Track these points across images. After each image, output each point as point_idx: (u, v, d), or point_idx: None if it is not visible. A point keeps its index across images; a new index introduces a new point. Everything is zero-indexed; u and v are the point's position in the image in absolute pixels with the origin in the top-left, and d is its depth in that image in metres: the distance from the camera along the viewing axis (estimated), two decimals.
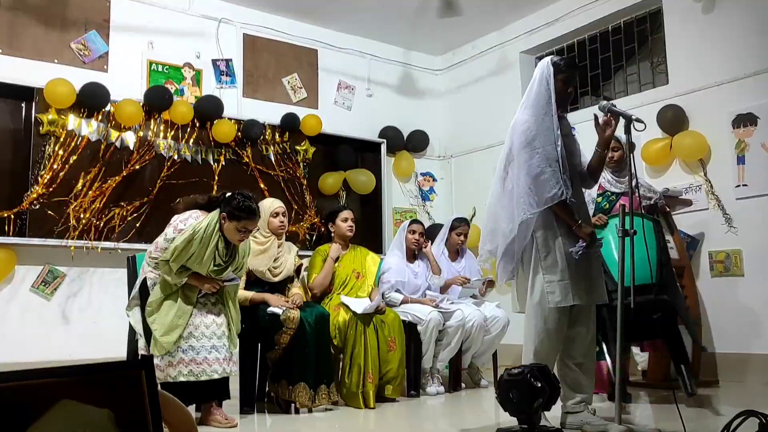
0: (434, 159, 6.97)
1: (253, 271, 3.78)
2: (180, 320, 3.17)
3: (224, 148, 5.47)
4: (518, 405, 2.45)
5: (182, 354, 3.13)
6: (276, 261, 3.85)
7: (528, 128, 2.93)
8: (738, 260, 4.60)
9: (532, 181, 2.86)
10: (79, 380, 1.26)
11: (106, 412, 1.24)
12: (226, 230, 3.24)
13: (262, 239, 3.85)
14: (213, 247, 3.18)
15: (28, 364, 3.86)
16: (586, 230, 2.89)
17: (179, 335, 3.14)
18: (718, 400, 4.00)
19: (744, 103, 4.64)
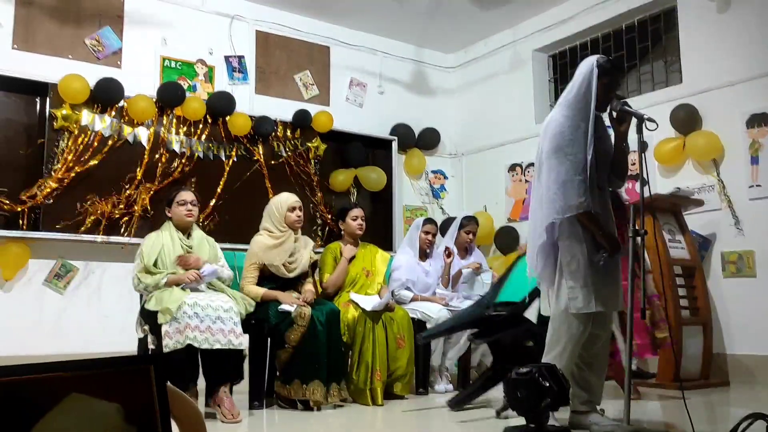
0: (445, 157, 6.96)
1: (268, 266, 3.80)
2: (180, 293, 3.36)
3: (236, 144, 5.50)
4: (526, 405, 2.44)
5: (188, 320, 3.22)
6: (292, 256, 3.87)
7: (561, 131, 2.87)
8: (750, 261, 4.57)
9: (559, 187, 2.83)
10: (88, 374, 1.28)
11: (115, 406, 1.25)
12: (174, 217, 3.67)
13: (277, 233, 3.87)
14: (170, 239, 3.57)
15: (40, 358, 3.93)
16: (609, 239, 2.86)
17: (183, 301, 3.27)
18: (728, 401, 3.98)
19: (758, 103, 4.60)
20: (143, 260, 3.50)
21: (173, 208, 3.66)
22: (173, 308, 3.23)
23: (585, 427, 2.86)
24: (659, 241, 4.34)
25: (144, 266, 3.49)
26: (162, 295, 3.34)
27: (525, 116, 6.19)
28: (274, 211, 3.92)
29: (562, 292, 2.88)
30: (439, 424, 3.55)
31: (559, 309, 2.89)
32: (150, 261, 3.49)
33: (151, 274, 3.47)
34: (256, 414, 3.54)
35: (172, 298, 3.28)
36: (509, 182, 6.41)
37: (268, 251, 3.79)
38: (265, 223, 3.95)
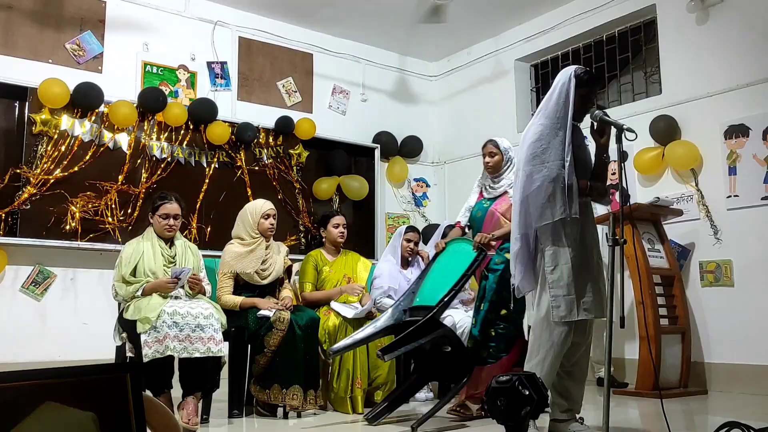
0: (428, 165, 6.99)
1: (241, 274, 3.77)
2: (159, 301, 3.30)
3: (218, 151, 5.47)
4: (506, 413, 2.44)
5: (168, 329, 3.17)
6: (264, 263, 3.85)
7: (539, 140, 2.90)
8: (728, 270, 4.62)
9: (536, 195, 2.85)
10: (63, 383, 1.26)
11: (90, 415, 1.24)
12: (155, 227, 3.58)
13: (248, 240, 3.84)
14: (151, 247, 3.49)
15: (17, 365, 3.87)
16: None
17: (161, 309, 3.22)
18: (707, 409, 4.01)
19: (736, 114, 4.67)
20: (121, 269, 3.43)
21: (155, 217, 3.58)
22: (152, 317, 3.19)
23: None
24: (639, 250, 4.39)
25: (122, 275, 3.43)
26: (140, 304, 3.29)
27: (507, 125, 6.23)
28: (247, 217, 3.89)
29: (543, 301, 2.89)
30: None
31: (540, 317, 2.90)
32: (128, 270, 3.42)
33: (128, 284, 3.42)
34: (235, 422, 3.51)
35: (151, 307, 3.24)
36: None
37: (239, 260, 3.76)
38: (237, 230, 3.92)
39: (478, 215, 3.80)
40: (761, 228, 4.48)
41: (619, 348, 4.74)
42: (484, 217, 3.74)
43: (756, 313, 4.43)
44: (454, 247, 3.68)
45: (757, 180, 4.54)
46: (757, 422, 1.82)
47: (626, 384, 4.72)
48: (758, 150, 4.55)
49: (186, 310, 3.28)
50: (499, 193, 3.76)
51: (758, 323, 4.41)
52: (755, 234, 4.51)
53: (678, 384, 4.46)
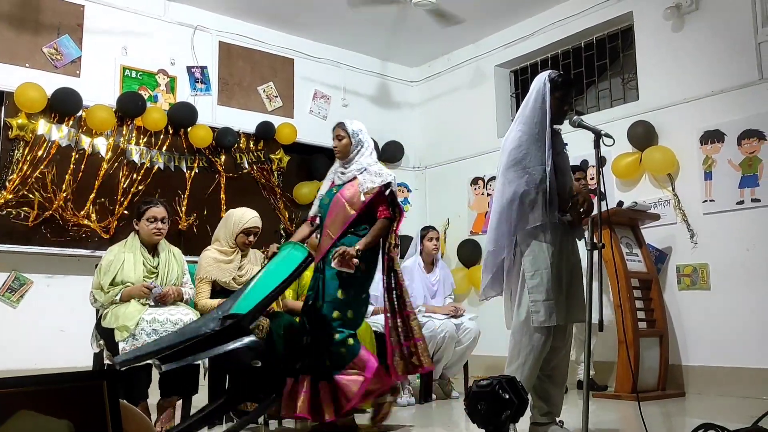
0: (409, 170, 7.00)
1: (217, 281, 3.75)
2: (137, 308, 3.25)
3: (198, 156, 5.44)
4: (486, 417, 2.46)
5: (146, 337, 3.14)
6: (241, 270, 3.82)
7: (519, 146, 2.93)
8: (704, 274, 4.69)
9: (516, 201, 2.88)
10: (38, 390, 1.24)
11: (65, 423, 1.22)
12: (141, 232, 3.49)
13: (227, 249, 3.80)
14: (133, 257, 3.41)
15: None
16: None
17: (140, 317, 3.19)
18: (684, 411, 4.06)
19: (712, 120, 4.75)
20: (100, 277, 3.38)
21: (141, 222, 3.50)
22: (130, 325, 3.15)
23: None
24: (617, 254, 4.43)
25: (100, 284, 3.37)
26: (118, 311, 3.25)
27: (487, 130, 6.27)
28: (230, 225, 3.82)
29: (523, 306, 2.91)
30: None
31: (520, 321, 2.92)
32: (107, 280, 3.35)
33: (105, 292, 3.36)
34: (215, 430, 3.48)
35: (128, 315, 3.19)
36: (472, 195, 6.47)
37: (216, 267, 3.72)
38: (218, 234, 3.87)
39: (325, 203, 3.55)
40: (736, 232, 4.56)
41: (599, 351, 4.78)
42: (329, 205, 3.49)
43: (732, 315, 4.50)
44: (284, 252, 3.29)
45: (732, 185, 4.61)
46: (734, 424, 1.84)
47: (606, 387, 4.76)
48: (733, 155, 4.63)
49: (165, 317, 3.25)
50: (348, 179, 3.48)
51: (734, 326, 4.48)
52: (730, 238, 4.58)
53: (656, 386, 4.51)
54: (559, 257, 2.91)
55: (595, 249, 2.86)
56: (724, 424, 1.49)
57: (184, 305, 3.51)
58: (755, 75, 4.56)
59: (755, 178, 4.52)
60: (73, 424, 1.23)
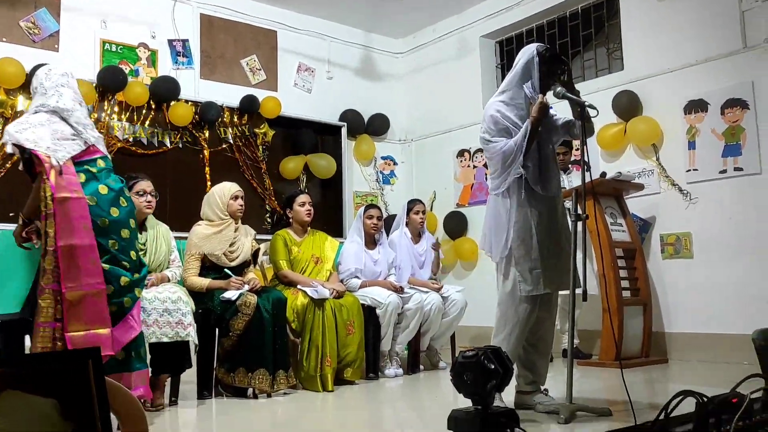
0: (395, 143, 6.98)
1: (208, 255, 3.75)
2: None
3: (181, 131, 5.39)
4: (472, 387, 2.48)
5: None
6: (232, 245, 3.83)
7: (502, 115, 2.94)
8: (688, 243, 4.74)
9: (499, 165, 2.91)
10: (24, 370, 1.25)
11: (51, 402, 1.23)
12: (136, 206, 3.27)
13: (217, 221, 3.82)
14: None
15: None
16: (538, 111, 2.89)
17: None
18: (667, 378, 4.14)
19: (696, 89, 4.76)
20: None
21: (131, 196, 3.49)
22: None
23: (530, 407, 2.94)
24: (601, 224, 4.47)
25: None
26: None
27: (473, 102, 6.25)
28: (216, 200, 3.86)
29: (510, 275, 2.94)
30: (390, 409, 3.59)
31: (506, 292, 2.95)
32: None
33: None
34: (206, 403, 3.51)
35: None
36: (458, 168, 6.48)
37: (207, 240, 3.75)
38: (206, 212, 3.89)
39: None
40: (719, 201, 4.60)
41: (584, 320, 4.84)
42: None
43: (714, 283, 4.57)
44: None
45: (715, 154, 4.65)
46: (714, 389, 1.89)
47: (590, 355, 4.84)
48: (717, 125, 4.65)
49: (153, 294, 3.25)
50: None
51: (716, 293, 4.55)
52: (713, 207, 4.63)
53: (640, 354, 4.59)
54: (545, 227, 2.93)
55: (579, 220, 2.89)
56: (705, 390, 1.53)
57: (171, 283, 3.51)
58: (739, 44, 4.56)
59: (738, 147, 4.55)
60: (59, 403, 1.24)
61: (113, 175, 2.89)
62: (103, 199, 2.75)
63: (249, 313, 3.56)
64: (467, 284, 5.66)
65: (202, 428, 3.03)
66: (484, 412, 2.45)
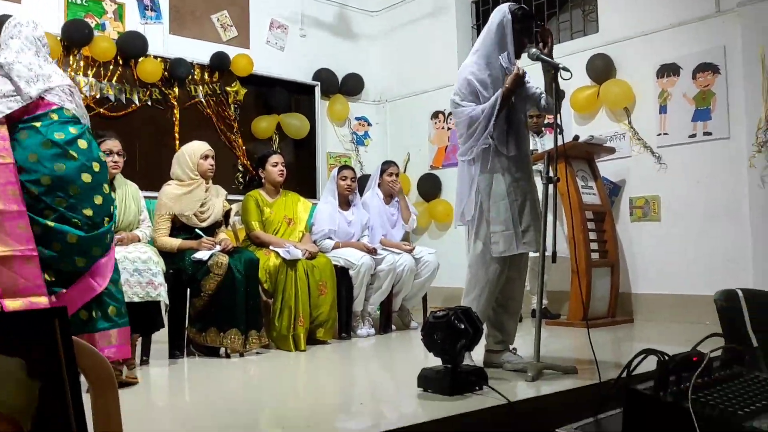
0: (369, 103, 6.92)
1: (179, 216, 3.72)
2: None
3: (150, 88, 5.27)
4: (442, 346, 2.52)
5: None
6: (203, 205, 3.79)
7: (474, 77, 2.92)
8: (656, 206, 4.83)
9: (469, 129, 2.90)
10: None
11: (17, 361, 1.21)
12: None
13: (188, 181, 3.77)
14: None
15: None
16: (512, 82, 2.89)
17: None
18: (632, 337, 4.25)
19: (669, 53, 4.78)
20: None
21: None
22: None
23: (498, 365, 3.00)
24: (572, 187, 4.52)
25: None
26: None
27: (448, 63, 6.19)
28: (186, 159, 3.81)
29: (480, 237, 2.96)
30: (362, 368, 3.64)
31: (477, 253, 2.98)
32: None
33: None
34: (178, 363, 3.52)
35: None
36: (432, 130, 6.46)
37: (178, 201, 3.71)
38: (176, 171, 3.84)
39: None
40: (687, 165, 4.67)
41: (553, 281, 4.93)
42: None
43: (679, 246, 4.67)
44: None
45: (685, 118, 4.70)
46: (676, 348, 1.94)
47: (558, 315, 4.94)
48: (688, 89, 4.69)
49: (123, 254, 3.21)
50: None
51: (681, 256, 4.66)
52: (682, 171, 4.70)
53: (606, 314, 4.70)
54: (516, 189, 2.95)
55: (550, 182, 2.91)
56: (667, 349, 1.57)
57: (142, 244, 3.48)
58: (712, 8, 4.57)
59: (708, 112, 4.60)
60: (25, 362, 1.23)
61: (68, 126, 2.67)
62: (45, 155, 2.57)
63: (221, 274, 3.55)
64: (441, 245, 5.70)
65: (175, 388, 3.04)
66: (453, 371, 2.50)
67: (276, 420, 2.37)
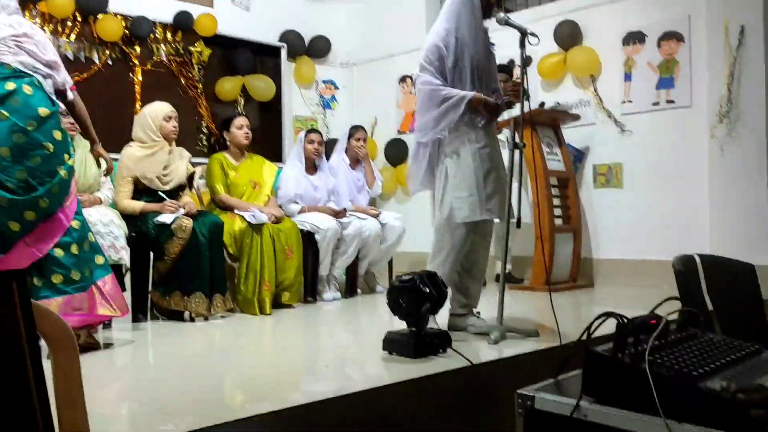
0: (336, 66, 6.82)
1: (141, 178, 3.65)
2: None
3: (110, 47, 5.11)
4: (407, 310, 2.55)
5: None
6: (166, 168, 3.73)
7: (442, 42, 2.90)
8: (618, 173, 4.90)
9: (434, 102, 2.89)
10: None
11: None
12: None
13: (150, 143, 3.69)
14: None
15: None
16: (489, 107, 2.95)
17: None
18: (592, 301, 4.36)
19: (635, 21, 4.81)
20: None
21: None
22: None
23: (462, 329, 3.04)
24: (537, 153, 4.55)
25: None
26: None
27: (416, 26, 6.12)
28: (148, 121, 3.72)
29: (446, 203, 2.98)
30: (327, 332, 3.66)
31: (443, 219, 3.00)
32: None
33: None
34: (141, 326, 3.49)
35: None
36: (400, 94, 6.41)
37: (139, 163, 3.63)
38: (138, 133, 3.75)
39: None
40: (650, 133, 4.75)
41: (517, 247, 4.99)
42: None
43: (640, 212, 4.77)
44: None
45: (650, 86, 4.75)
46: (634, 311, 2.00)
47: (522, 280, 5.02)
48: (653, 57, 4.74)
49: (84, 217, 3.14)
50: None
51: (641, 222, 4.76)
52: (644, 138, 4.77)
53: (568, 279, 4.80)
54: (482, 156, 2.96)
55: (516, 148, 2.92)
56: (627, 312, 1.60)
57: (103, 206, 3.41)
58: None
59: (671, 80, 4.66)
60: None
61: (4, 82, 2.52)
62: None
63: (185, 237, 3.51)
64: (407, 211, 5.71)
65: (138, 352, 3.02)
66: (417, 334, 2.53)
67: (240, 383, 2.38)
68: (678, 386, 1.35)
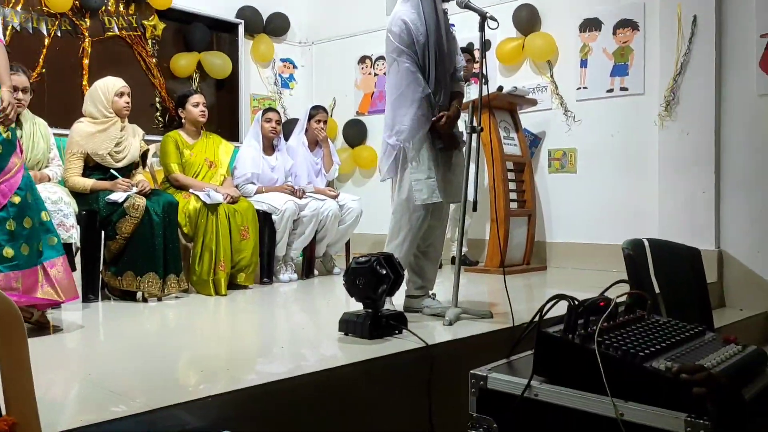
0: (295, 45, 6.74)
1: (92, 155, 3.55)
2: None
3: (60, 18, 4.93)
4: (364, 291, 2.56)
5: None
6: (118, 145, 3.63)
7: (405, 29, 2.88)
8: (573, 158, 4.99)
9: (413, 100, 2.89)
10: None
11: None
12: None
13: (101, 119, 3.59)
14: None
15: None
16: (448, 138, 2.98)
17: None
18: (545, 283, 4.45)
19: (591, 7, 4.88)
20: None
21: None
22: None
23: (418, 310, 3.07)
24: (495, 137, 4.60)
25: None
26: None
27: (376, 6, 6.05)
28: (99, 96, 3.62)
29: (404, 185, 2.99)
30: (283, 313, 3.65)
31: (401, 200, 3.01)
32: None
33: None
34: (92, 306, 3.42)
35: None
36: (359, 75, 6.38)
37: (90, 139, 3.53)
38: (89, 108, 3.65)
39: None
40: (604, 119, 4.84)
41: (472, 230, 5.06)
42: None
43: (592, 197, 4.88)
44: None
45: (604, 73, 4.84)
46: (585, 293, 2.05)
47: (477, 262, 5.08)
48: (608, 44, 4.81)
49: None
50: None
51: (594, 206, 4.87)
52: (598, 124, 4.86)
53: (522, 261, 4.88)
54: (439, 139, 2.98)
55: (474, 132, 2.95)
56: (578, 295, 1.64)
57: (52, 183, 3.31)
58: None
59: (626, 68, 4.75)
60: None
61: None
62: None
63: (138, 216, 3.43)
64: (365, 192, 5.71)
65: (89, 332, 2.96)
66: (374, 315, 2.54)
67: (195, 363, 2.36)
68: (624, 366, 1.40)
